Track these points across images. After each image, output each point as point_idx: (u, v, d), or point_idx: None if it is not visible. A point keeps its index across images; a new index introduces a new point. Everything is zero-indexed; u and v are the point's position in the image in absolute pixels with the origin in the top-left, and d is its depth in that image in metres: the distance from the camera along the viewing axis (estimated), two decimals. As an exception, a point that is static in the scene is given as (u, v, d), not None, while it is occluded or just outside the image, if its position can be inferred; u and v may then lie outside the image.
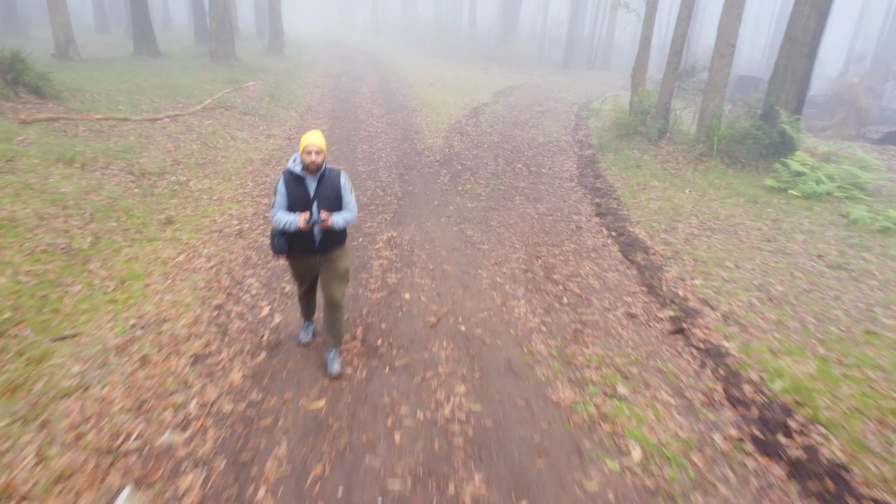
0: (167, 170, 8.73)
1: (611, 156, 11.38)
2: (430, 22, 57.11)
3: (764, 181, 8.81)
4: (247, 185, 8.58)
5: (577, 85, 26.55)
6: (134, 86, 14.51)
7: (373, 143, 11.78)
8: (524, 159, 11.19)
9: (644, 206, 8.42)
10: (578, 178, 10.22)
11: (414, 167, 10.07)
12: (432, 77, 24.10)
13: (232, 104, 14.15)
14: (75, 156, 8.16)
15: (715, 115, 10.03)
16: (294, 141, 11.64)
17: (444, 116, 14.93)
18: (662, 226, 7.59)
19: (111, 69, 17.13)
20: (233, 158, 10.07)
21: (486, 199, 8.52)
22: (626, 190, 9.25)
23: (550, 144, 12.85)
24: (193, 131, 11.12)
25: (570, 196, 9.19)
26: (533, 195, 9.01)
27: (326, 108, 15.69)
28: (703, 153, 9.87)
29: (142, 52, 20.71)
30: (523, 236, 7.26)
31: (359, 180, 9.15)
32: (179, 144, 10.11)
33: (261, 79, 18.81)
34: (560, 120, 16.44)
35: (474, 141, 12.17)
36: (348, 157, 10.51)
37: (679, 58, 11.02)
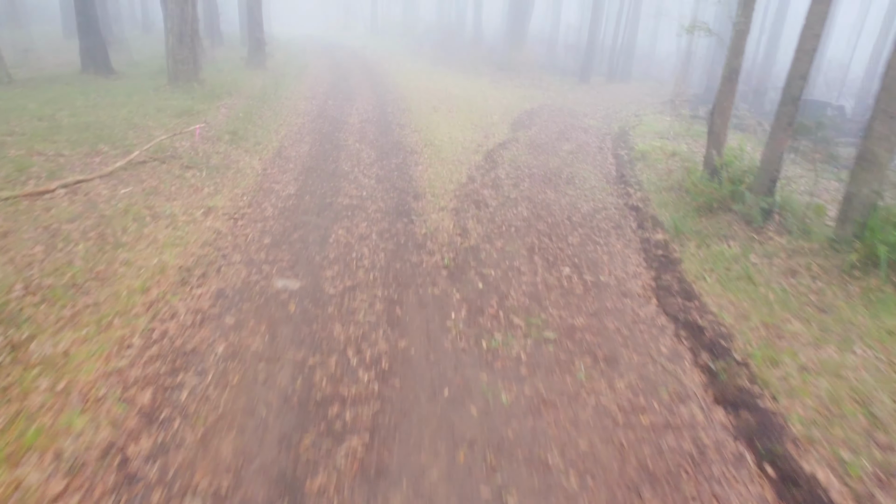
0: (4, 311, 5.08)
1: (694, 248, 7.75)
2: (432, 24, 53.63)
3: None
4: (130, 344, 4.93)
5: (602, 103, 22.93)
6: (49, 125, 10.94)
7: (353, 223, 8.20)
8: (571, 254, 7.58)
9: (800, 388, 4.79)
10: (657, 294, 6.59)
11: (411, 281, 6.44)
12: (435, 96, 20.45)
13: (174, 153, 10.58)
14: None
15: (872, 204, 6.38)
16: (241, 222, 8.00)
17: (451, 166, 11.33)
18: (864, 461, 3.97)
19: (40, 96, 13.60)
20: (138, 266, 6.46)
21: (531, 374, 4.91)
22: (748, 335, 5.62)
23: (598, 216, 9.23)
24: (94, 211, 7.51)
25: (659, 345, 5.57)
26: (602, 349, 5.39)
27: (301, 152, 12.08)
28: (856, 265, 6.20)
29: (90, 70, 17.15)
30: (611, 489, 3.59)
31: (322, 321, 5.56)
32: (56, 244, 6.50)
33: (226, 106, 15.19)
34: (598, 165, 12.80)
35: (496, 218, 8.56)
36: (313, 259, 6.97)
37: (795, 107, 7.40)
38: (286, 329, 5.57)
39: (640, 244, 8.32)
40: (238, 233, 7.80)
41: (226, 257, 7.06)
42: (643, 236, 8.59)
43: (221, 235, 7.72)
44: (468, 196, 9.68)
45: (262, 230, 7.94)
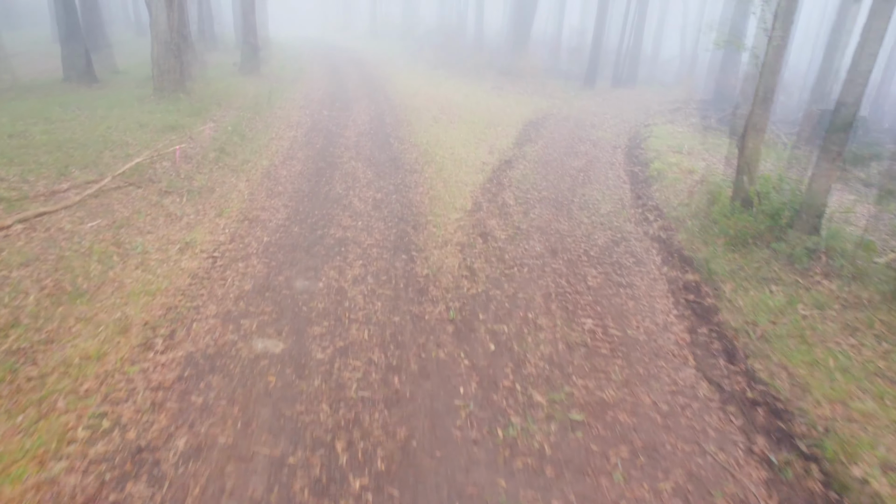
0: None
1: (730, 292, 6.82)
2: (433, 26, 52.72)
3: None
4: (73, 437, 4.05)
5: (609, 111, 22.01)
6: (19, 143, 10.09)
7: (346, 262, 7.27)
8: (592, 300, 6.66)
9: (888, 498, 3.77)
10: (695, 356, 5.64)
11: (411, 342, 5.51)
12: (436, 105, 19.51)
13: (152, 175, 9.67)
14: None
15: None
16: (220, 262, 7.05)
17: (455, 189, 10.41)
18: None
19: (14, 108, 12.84)
20: (95, 322, 5.55)
21: (558, 476, 4.05)
22: (813, 417, 4.73)
23: (618, 250, 8.31)
24: (54, 250, 6.58)
25: (705, 427, 4.72)
26: (640, 436, 4.49)
27: (292, 172, 11.15)
28: (928, 323, 5.27)
29: (71, 79, 16.25)
30: None
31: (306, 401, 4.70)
32: (2, 297, 5.50)
33: (214, 119, 14.25)
34: (611, 185, 11.90)
35: (505, 255, 7.65)
36: (299, 313, 6.07)
37: (846, 136, 6.43)
38: (264, 411, 4.63)
39: (668, 285, 7.40)
40: (216, 276, 6.86)
41: (199, 310, 6.12)
42: (670, 275, 7.67)
43: (197, 279, 6.78)
44: (474, 227, 8.74)
45: (243, 272, 7.00)
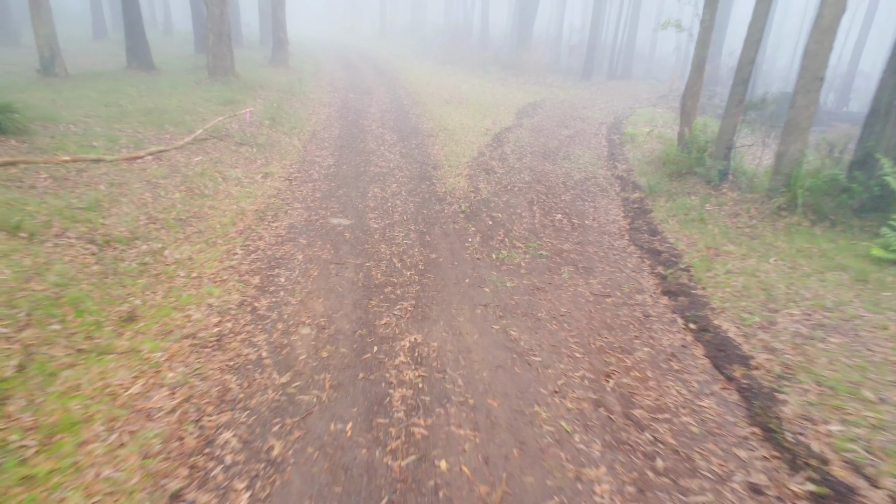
0: (139, 232, 7.09)
1: (663, 202, 9.69)
2: (440, 26, 55.53)
3: (869, 249, 7.09)
4: (234, 253, 6.92)
5: (601, 98, 24.84)
6: (117, 110, 12.91)
7: (385, 184, 10.14)
8: (563, 206, 9.51)
9: (724, 282, 6.72)
10: (630, 233, 8.53)
11: (436, 221, 8.40)
12: (446, 91, 22.43)
13: (227, 133, 12.53)
14: (23, 221, 6.52)
15: (797, 160, 8.32)
16: (295, 182, 9.99)
17: (464, 146, 13.26)
18: (756, 318, 5.89)
19: (97, 87, 15.56)
20: (222, 209, 8.43)
21: (528, 273, 6.85)
22: (693, 255, 7.55)
23: (588, 183, 11.16)
24: (178, 173, 9.48)
25: (626, 262, 7.51)
26: (582, 263, 7.33)
27: (332, 135, 14.05)
28: (783, 207, 8.16)
29: (133, 66, 19.16)
30: (582, 335, 5.58)
31: (371, 243, 7.48)
32: (159, 193, 8.47)
33: (261, 97, 17.19)
34: (592, 147, 14.74)
35: (502, 181, 10.50)
36: (357, 207, 8.87)
37: (745, 88, 9.33)
38: (346, 247, 7.55)
39: (621, 201, 10.28)
40: (294, 189, 9.79)
41: (288, 204, 9.04)
42: (624, 196, 10.55)
43: (281, 191, 9.70)
44: (479, 166, 11.64)
45: (312, 188, 9.92)
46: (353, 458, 3.87)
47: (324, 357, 5.02)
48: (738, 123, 9.76)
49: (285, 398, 4.45)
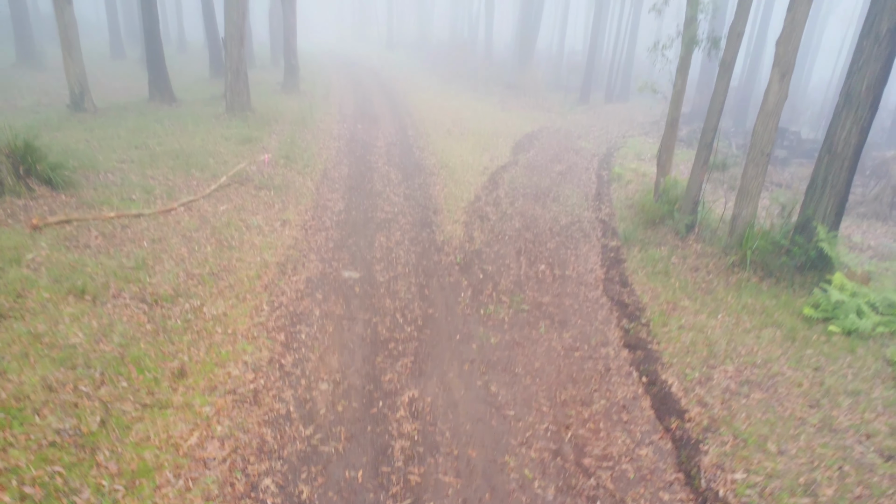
0: (181, 289, 8.44)
1: (637, 252, 10.99)
2: (445, 40, 56.81)
3: (802, 309, 8.40)
4: (261, 308, 8.27)
5: (597, 124, 26.14)
6: (147, 153, 14.32)
7: (390, 232, 11.48)
8: (547, 255, 10.83)
9: (676, 337, 8.03)
10: (604, 283, 9.84)
11: (434, 272, 9.73)
12: (449, 118, 23.79)
13: (247, 176, 13.89)
14: (86, 284, 7.89)
15: (748, 222, 9.62)
16: (310, 231, 11.33)
17: (463, 186, 14.61)
18: (696, 373, 7.21)
19: (125, 124, 17.00)
20: (248, 262, 9.78)
21: (510, 328, 8.18)
22: (655, 308, 8.86)
23: (573, 228, 12.47)
24: (208, 223, 10.85)
25: (597, 314, 8.83)
26: (559, 316, 8.65)
27: (342, 174, 15.41)
28: (735, 263, 9.47)
29: (156, 99, 20.65)
30: (550, 389, 6.91)
31: (378, 297, 8.83)
32: (193, 247, 9.83)
33: (276, 132, 18.58)
34: (581, 185, 16.06)
35: (495, 229, 11.82)
36: (365, 257, 10.21)
37: (709, 151, 10.61)
38: (356, 301, 8.89)
39: (601, 248, 11.58)
40: (310, 239, 11.13)
41: (305, 256, 10.38)
42: (604, 242, 11.85)
43: (298, 241, 11.04)
44: (475, 212, 12.96)
45: (326, 237, 11.26)
46: (363, 500, 5.21)
47: (339, 411, 6.35)
48: (703, 182, 11.05)
49: (310, 449, 5.78)
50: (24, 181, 10.67)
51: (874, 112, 8.57)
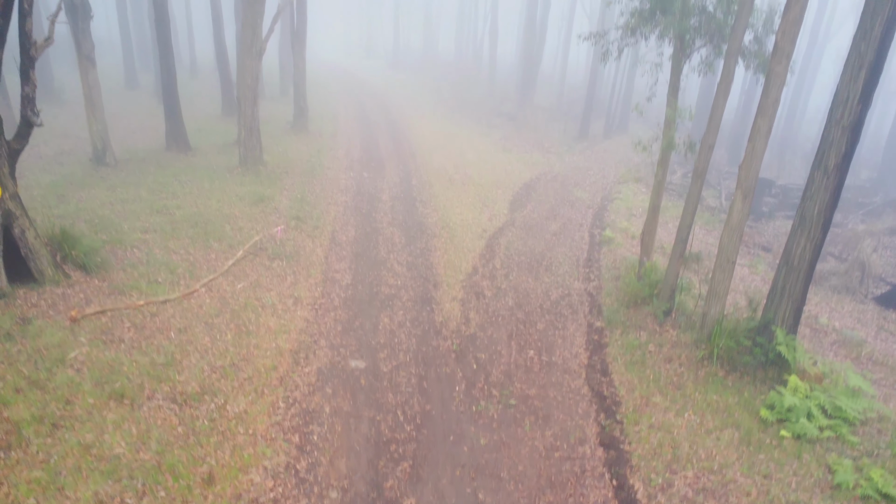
0: (206, 385, 9.55)
1: (619, 335, 12.05)
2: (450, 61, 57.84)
3: (759, 409, 9.45)
4: (278, 406, 9.38)
5: (594, 167, 27.23)
6: (168, 220, 15.45)
7: (394, 311, 12.57)
8: (537, 338, 11.90)
9: (645, 438, 9.10)
10: (587, 370, 10.92)
11: (432, 362, 10.82)
12: (452, 163, 24.99)
13: (261, 247, 15.00)
14: (125, 387, 9.01)
15: (716, 320, 10.68)
16: (320, 311, 12.42)
17: (461, 254, 15.71)
18: (660, 479, 8.29)
19: (145, 181, 18.14)
20: (264, 348, 10.88)
21: (499, 426, 9.26)
22: (629, 404, 9.93)
23: (563, 303, 13.54)
24: (227, 306, 11.95)
25: (579, 407, 9.92)
26: (543, 410, 9.74)
27: (349, 237, 16.52)
28: (705, 357, 10.53)
29: (173, 149, 21.93)
30: (531, 495, 7.98)
31: (381, 391, 9.93)
32: (215, 335, 10.94)
33: (286, 188, 19.72)
34: (574, 247, 17.14)
35: (489, 308, 12.90)
36: (370, 344, 11.30)
37: (684, 246, 11.68)
38: (361, 396, 10.00)
39: (586, 328, 12.65)
40: (320, 321, 12.23)
41: (316, 342, 11.48)
42: (590, 321, 12.92)
43: (309, 323, 12.14)
44: (472, 287, 14.05)
45: (334, 319, 12.37)
46: None
47: (347, 522, 7.46)
48: (679, 272, 12.13)
49: (323, 563, 6.88)
50: (62, 269, 11.79)
51: (826, 231, 9.64)
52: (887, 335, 12.93)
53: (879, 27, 8.26)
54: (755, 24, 11.60)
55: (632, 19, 12.23)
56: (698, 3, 11.92)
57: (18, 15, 10.14)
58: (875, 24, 8.29)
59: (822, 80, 47.93)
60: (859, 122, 8.84)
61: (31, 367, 9.24)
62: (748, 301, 11.38)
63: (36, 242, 11.22)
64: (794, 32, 8.79)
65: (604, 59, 13.14)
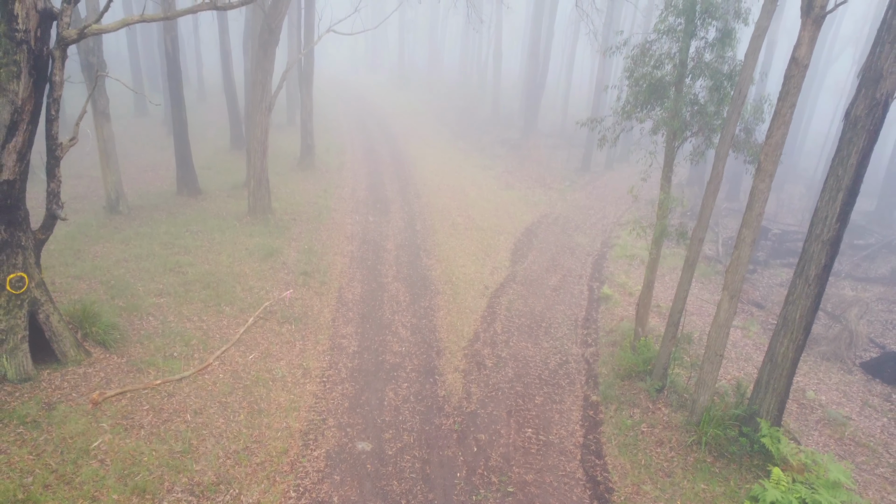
0: (221, 474, 10.16)
1: (613, 412, 12.63)
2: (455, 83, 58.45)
3: (744, 502, 10.02)
4: (289, 496, 9.99)
5: (595, 206, 27.81)
6: (181, 280, 16.01)
7: (398, 385, 13.18)
8: (534, 416, 12.48)
9: None
10: (582, 453, 11.49)
11: (434, 444, 11.40)
12: (456, 201, 25.72)
13: (272, 310, 15.62)
14: (146, 480, 9.62)
15: (705, 408, 11.26)
16: (328, 385, 13.04)
17: (464, 316, 16.30)
18: None
19: (157, 233, 18.77)
20: (275, 429, 11.49)
21: None
22: (622, 491, 10.51)
23: (560, 373, 14.13)
24: (240, 381, 12.57)
25: (573, 493, 10.52)
26: (539, 498, 10.33)
27: (355, 296, 17.12)
28: (695, 442, 11.10)
29: (184, 193, 22.62)
30: None
31: (386, 478, 10.62)
32: (229, 415, 11.56)
33: (294, 238, 20.36)
34: (573, 306, 17.72)
35: (490, 382, 13.48)
36: (376, 423, 11.89)
37: (676, 329, 12.26)
38: (368, 483, 10.59)
39: (582, 402, 13.24)
40: (327, 396, 12.84)
41: (324, 421, 12.09)
42: (586, 394, 13.51)
43: (318, 399, 12.75)
44: (473, 356, 14.66)
45: (341, 394, 12.98)
46: None
47: None
48: (671, 351, 12.71)
49: None
50: (83, 347, 12.43)
51: (807, 333, 10.21)
52: (871, 411, 13.46)
53: (855, 156, 8.83)
54: (745, 115, 12.14)
55: (627, 106, 12.79)
56: (690, 94, 12.50)
57: (46, 120, 10.78)
58: (851, 153, 8.87)
59: (821, 109, 48.46)
60: (837, 238, 9.40)
61: (57, 458, 9.84)
62: (737, 384, 11.93)
63: (59, 326, 11.84)
64: (777, 155, 9.37)
65: (600, 146, 13.71)
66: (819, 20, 8.75)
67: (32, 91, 10.29)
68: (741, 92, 10.36)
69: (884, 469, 11.48)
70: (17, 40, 9.86)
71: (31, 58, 10.07)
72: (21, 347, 11.15)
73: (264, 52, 19.71)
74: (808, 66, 9.07)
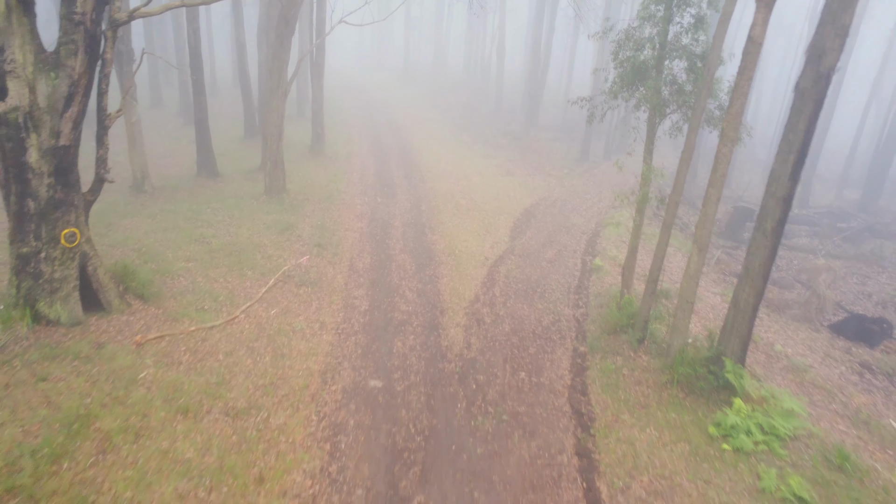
0: (252, 401, 11.67)
1: (598, 359, 14.13)
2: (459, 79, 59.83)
3: (708, 427, 11.53)
4: (311, 419, 11.50)
5: (592, 190, 29.28)
6: (206, 249, 17.52)
7: (405, 336, 14.66)
8: (528, 361, 13.97)
9: (612, 449, 11.18)
10: (569, 392, 12.99)
11: (438, 382, 12.89)
12: (460, 186, 27.17)
13: (289, 273, 17.17)
14: (188, 403, 11.14)
15: (678, 350, 12.77)
16: (343, 335, 14.58)
17: (465, 282, 17.79)
18: (620, 482, 10.36)
19: (181, 210, 20.28)
20: (297, 369, 13.00)
21: (493, 439, 11.32)
22: (602, 420, 12.00)
23: (552, 329, 15.63)
24: (264, 331, 14.10)
25: (560, 422, 11.98)
26: (530, 425, 11.79)
27: (365, 264, 18.66)
28: (668, 382, 12.62)
29: (203, 175, 24.20)
30: (516, 495, 10.06)
31: (395, 407, 11.98)
32: (256, 358, 13.07)
33: (308, 215, 21.88)
34: (567, 275, 19.22)
35: (488, 334, 14.98)
36: (386, 366, 13.25)
37: (655, 285, 13.75)
38: (379, 412, 12.12)
39: (572, 353, 14.76)
40: (342, 345, 14.37)
41: (340, 363, 13.62)
42: (575, 346, 15.03)
43: (333, 346, 14.29)
44: (474, 314, 16.18)
45: (355, 343, 14.51)
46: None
47: (371, 515, 9.60)
48: (651, 306, 14.22)
49: (353, 546, 9.02)
50: (125, 299, 13.99)
51: (766, 280, 11.69)
52: (832, 361, 14.94)
53: (803, 122, 10.31)
54: (719, 95, 13.65)
55: (614, 86, 14.31)
56: (669, 75, 14.01)
57: (97, 93, 12.32)
58: (800, 120, 10.35)
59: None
60: (790, 195, 10.88)
61: (109, 385, 11.35)
62: (708, 333, 13.43)
63: (105, 278, 13.38)
64: (738, 122, 10.86)
65: (589, 122, 15.21)
66: (770, 3, 10.24)
67: (87, 67, 11.81)
68: (710, 70, 11.86)
69: (836, 406, 12.96)
70: (75, 21, 11.38)
71: (86, 37, 11.58)
72: (73, 295, 12.64)
73: (280, 42, 21.27)
74: (762, 44, 10.56)
